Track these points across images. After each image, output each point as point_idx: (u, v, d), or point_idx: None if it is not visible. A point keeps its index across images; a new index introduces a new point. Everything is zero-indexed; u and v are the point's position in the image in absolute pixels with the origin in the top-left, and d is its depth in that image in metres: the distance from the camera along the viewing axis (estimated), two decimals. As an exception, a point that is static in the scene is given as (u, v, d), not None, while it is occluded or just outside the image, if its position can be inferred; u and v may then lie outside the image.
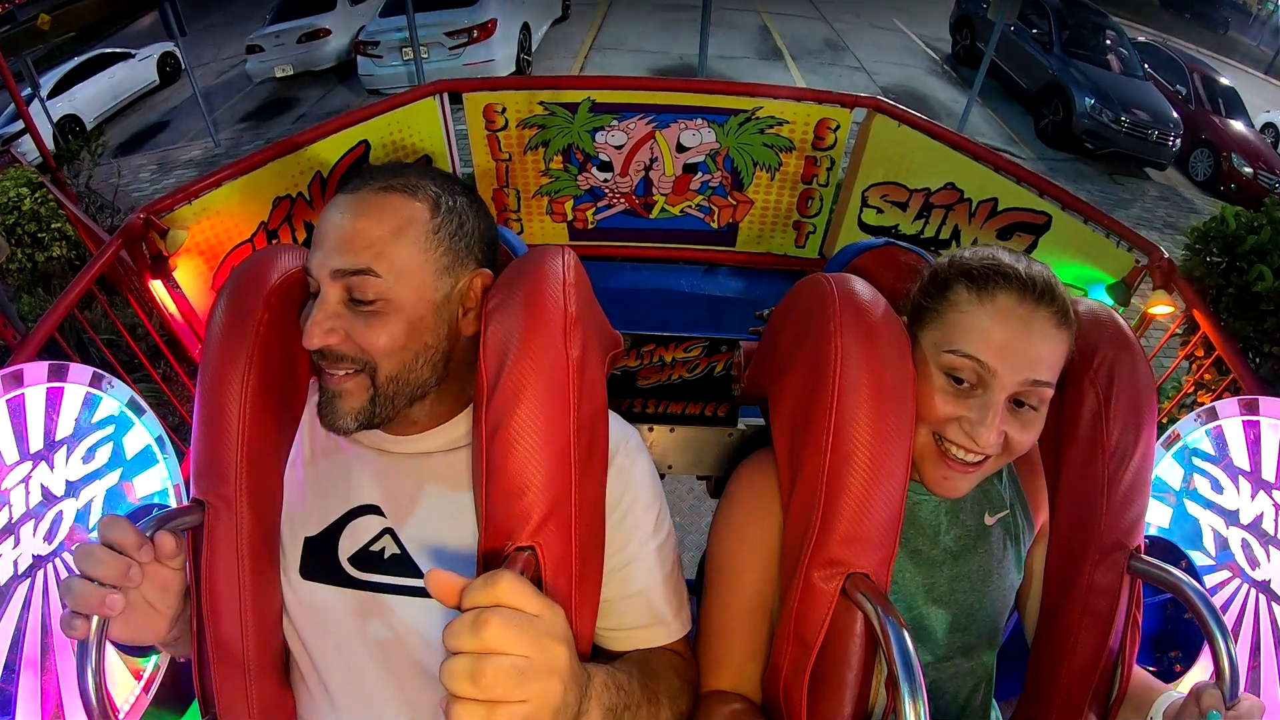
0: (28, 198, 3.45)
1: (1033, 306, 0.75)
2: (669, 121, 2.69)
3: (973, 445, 0.76)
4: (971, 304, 0.77)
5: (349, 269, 0.73)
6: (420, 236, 0.76)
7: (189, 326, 1.82)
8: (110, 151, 7.22)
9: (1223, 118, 8.42)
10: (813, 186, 2.81)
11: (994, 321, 0.75)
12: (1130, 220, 6.62)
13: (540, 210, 2.89)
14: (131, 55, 9.28)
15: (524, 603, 0.52)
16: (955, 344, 0.77)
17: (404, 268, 0.74)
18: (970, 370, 0.76)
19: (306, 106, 8.16)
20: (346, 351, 0.74)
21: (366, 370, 0.74)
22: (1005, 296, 0.76)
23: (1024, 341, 0.75)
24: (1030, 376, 0.75)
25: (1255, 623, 1.21)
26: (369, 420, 0.76)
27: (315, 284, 0.75)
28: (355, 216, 0.74)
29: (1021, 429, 0.77)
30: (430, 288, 0.76)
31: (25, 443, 1.16)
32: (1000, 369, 0.74)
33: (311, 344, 0.72)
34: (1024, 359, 0.74)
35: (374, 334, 0.73)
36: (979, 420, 0.75)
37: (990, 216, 2.40)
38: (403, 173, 0.79)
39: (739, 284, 3.08)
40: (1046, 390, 0.77)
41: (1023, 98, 8.61)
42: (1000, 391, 0.75)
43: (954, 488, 0.79)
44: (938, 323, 0.80)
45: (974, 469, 0.78)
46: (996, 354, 0.74)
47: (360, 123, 2.04)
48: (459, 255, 0.78)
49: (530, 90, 2.52)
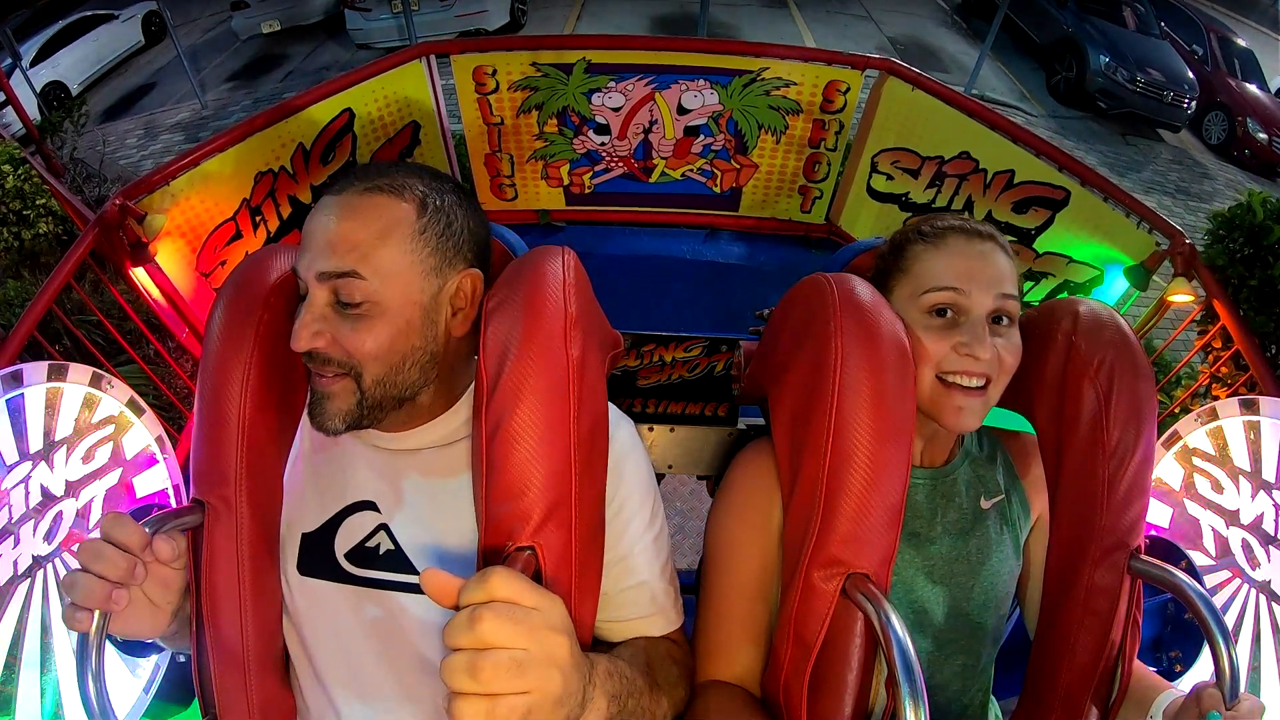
0: (11, 175, 3.35)
1: (980, 241, 0.85)
2: (669, 83, 2.60)
3: (974, 366, 0.80)
4: (930, 250, 0.86)
5: (334, 271, 0.73)
6: (406, 238, 0.75)
7: (174, 309, 1.77)
8: (96, 118, 7.07)
9: (1239, 80, 8.19)
10: (820, 151, 2.73)
11: (954, 256, 0.84)
12: (1142, 183, 6.51)
13: (535, 175, 2.82)
14: (115, 16, 9.01)
15: (520, 596, 0.53)
16: (928, 284, 0.84)
17: (390, 270, 0.74)
18: (949, 297, 0.82)
19: (294, 63, 7.97)
20: (333, 355, 0.74)
21: (352, 374, 0.74)
22: (955, 238, 0.86)
23: (983, 263, 0.83)
24: (999, 290, 0.82)
25: (1255, 623, 1.22)
26: (357, 422, 0.76)
27: (304, 286, 0.75)
28: (340, 219, 0.74)
29: (1006, 346, 0.82)
30: (417, 289, 0.76)
31: (25, 443, 1.17)
32: (972, 289, 0.82)
33: (299, 346, 0.73)
34: (988, 277, 0.82)
35: (360, 338, 0.73)
36: (972, 338, 0.80)
37: (1006, 188, 2.32)
38: (389, 172, 0.78)
39: (741, 249, 3.03)
40: (1015, 304, 0.84)
41: (1035, 52, 8.39)
42: (980, 308, 0.82)
43: (970, 416, 0.82)
44: (905, 278, 0.87)
45: (981, 393, 0.82)
46: (965, 278, 0.82)
47: (343, 90, 1.94)
48: (447, 256, 0.78)
49: (522, 51, 2.41)
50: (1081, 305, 0.88)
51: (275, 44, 8.39)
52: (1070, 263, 2.29)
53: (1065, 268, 2.31)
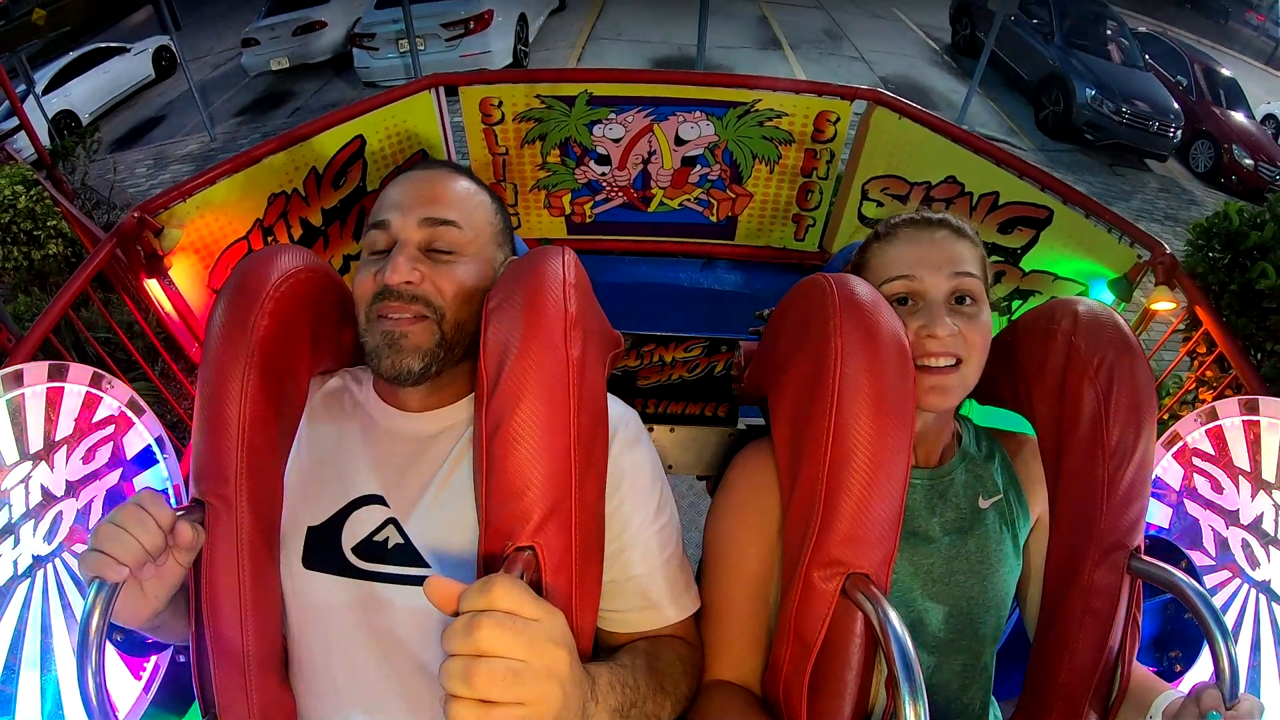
0: (23, 195, 3.42)
1: (930, 229, 0.88)
2: (667, 114, 2.67)
3: (936, 345, 0.82)
4: (884, 245, 0.90)
5: (438, 218, 0.83)
6: (487, 209, 0.90)
7: (185, 325, 1.81)
8: (106, 147, 7.16)
9: (1224, 109, 8.37)
10: (812, 179, 2.79)
11: (903, 245, 0.88)
12: (1131, 212, 6.61)
13: (538, 204, 2.87)
14: (127, 50, 9.20)
15: (520, 607, 0.53)
16: (884, 275, 0.88)
17: (478, 227, 0.87)
18: (903, 285, 0.86)
19: (303, 100, 8.10)
20: (421, 291, 0.80)
21: (435, 315, 0.81)
22: (905, 229, 0.90)
23: (933, 248, 0.86)
24: (953, 269, 0.85)
25: (1255, 623, 1.21)
26: (434, 362, 0.81)
27: (389, 240, 0.83)
28: (436, 181, 0.87)
29: (969, 324, 0.84)
30: (491, 250, 0.89)
31: (25, 443, 1.15)
32: (924, 274, 0.85)
33: (396, 277, 0.79)
34: (939, 259, 0.85)
35: (451, 275, 0.82)
36: (930, 319, 0.83)
37: (991, 210, 2.38)
38: (459, 166, 0.93)
39: (738, 278, 3.07)
40: (974, 281, 0.86)
41: (1023, 88, 8.55)
42: (936, 290, 0.84)
43: (945, 394, 0.84)
44: (867, 275, 0.90)
45: (953, 371, 0.83)
46: (917, 264, 0.86)
47: (355, 118, 2.01)
48: (506, 236, 0.93)
49: (526, 84, 2.49)
50: (1081, 305, 0.88)
51: (284, 81, 8.54)
52: (1056, 279, 2.35)
53: (1051, 284, 2.37)
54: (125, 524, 0.64)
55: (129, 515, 0.65)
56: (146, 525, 0.65)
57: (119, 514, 0.65)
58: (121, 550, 0.63)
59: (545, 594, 0.68)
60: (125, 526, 0.64)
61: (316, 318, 0.84)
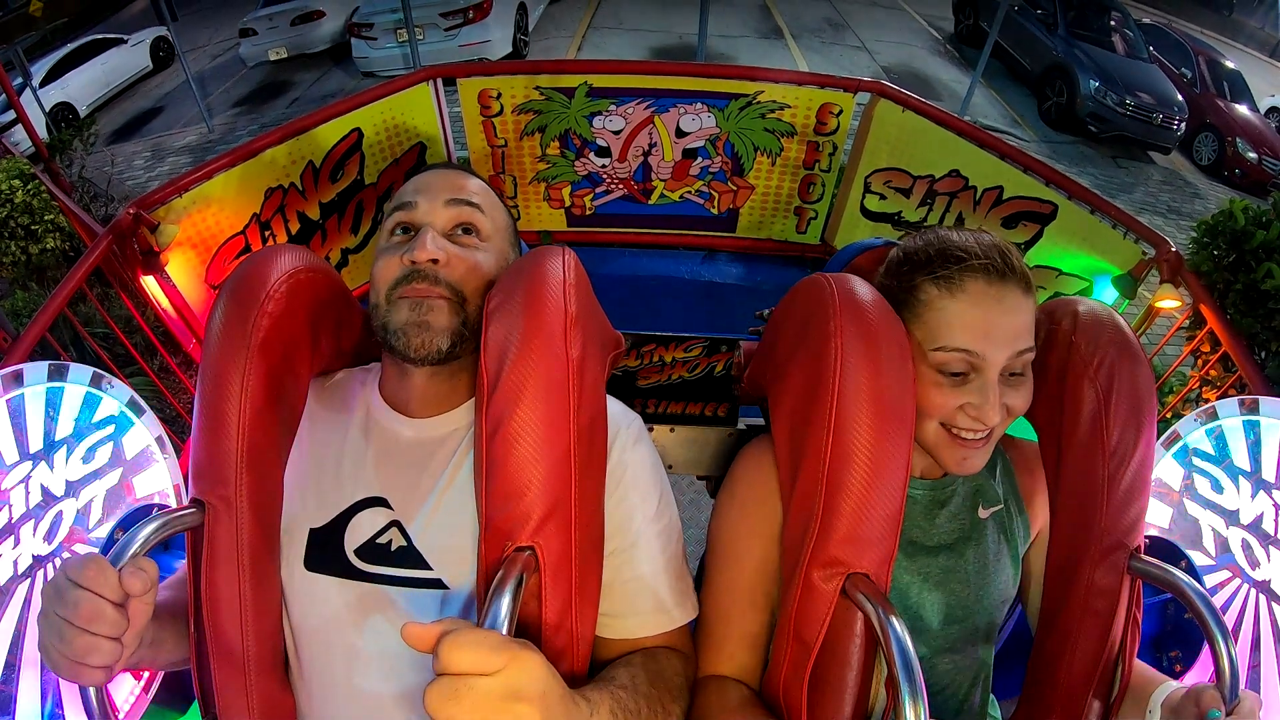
0: (20, 190, 3.40)
1: (1000, 283, 0.78)
2: (668, 106, 2.65)
3: (980, 426, 0.78)
4: (944, 299, 0.79)
5: (466, 199, 0.86)
6: (502, 209, 0.94)
7: (182, 320, 1.80)
8: (104, 139, 7.14)
9: (1228, 101, 8.32)
10: (814, 172, 2.77)
11: (969, 308, 0.78)
12: (1134, 204, 6.59)
13: (537, 196, 2.86)
14: (124, 41, 9.16)
15: (478, 663, 0.53)
16: (940, 341, 0.79)
17: (498, 220, 0.90)
18: (961, 361, 0.78)
19: (301, 90, 8.06)
20: (446, 272, 0.81)
21: (456, 298, 0.81)
22: (972, 281, 0.78)
23: (1001, 319, 0.77)
24: (1015, 349, 0.78)
25: (1255, 623, 1.21)
26: (458, 341, 0.81)
27: (413, 221, 0.85)
28: (456, 175, 0.90)
29: (1016, 396, 0.80)
30: (507, 247, 0.91)
31: (25, 443, 1.15)
32: (988, 351, 0.77)
33: (422, 255, 0.80)
34: (1006, 335, 0.77)
35: (477, 256, 0.84)
36: (982, 402, 0.77)
37: (995, 204, 2.37)
38: (470, 170, 0.95)
39: (739, 270, 3.06)
40: (1030, 355, 0.80)
41: (1026, 79, 8.51)
42: (993, 370, 0.77)
43: (974, 464, 0.81)
44: (917, 324, 0.81)
45: (986, 442, 0.81)
46: (981, 339, 0.77)
47: (353, 110, 2.00)
48: (517, 239, 0.96)
49: (525, 75, 2.47)
50: (1081, 305, 0.87)
51: (282, 71, 8.50)
52: (1060, 275, 2.34)
53: (1055, 280, 2.36)
54: (85, 623, 0.60)
55: (86, 612, 0.59)
56: (105, 615, 0.60)
57: (74, 610, 0.59)
58: (95, 656, 0.60)
59: (545, 594, 0.68)
60: (86, 627, 0.59)
61: (317, 317, 0.84)
